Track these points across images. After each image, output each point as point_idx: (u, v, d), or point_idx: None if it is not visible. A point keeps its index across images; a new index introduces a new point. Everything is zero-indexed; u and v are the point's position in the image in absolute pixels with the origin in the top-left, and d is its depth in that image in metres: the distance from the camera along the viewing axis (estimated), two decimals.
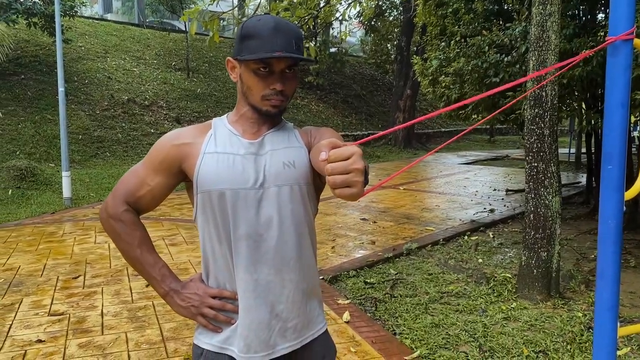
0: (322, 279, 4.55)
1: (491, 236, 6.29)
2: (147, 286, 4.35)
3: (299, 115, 17.99)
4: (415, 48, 17.47)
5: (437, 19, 6.84)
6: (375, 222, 6.89)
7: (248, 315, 1.31)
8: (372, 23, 21.37)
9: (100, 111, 13.34)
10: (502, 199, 8.64)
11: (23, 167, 8.84)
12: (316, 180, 1.39)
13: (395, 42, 20.91)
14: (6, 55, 12.15)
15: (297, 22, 5.73)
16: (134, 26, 20.24)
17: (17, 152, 10.57)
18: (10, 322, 3.61)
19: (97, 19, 19.86)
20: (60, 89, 7.75)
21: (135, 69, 15.97)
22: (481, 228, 6.63)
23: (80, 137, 12.11)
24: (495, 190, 9.72)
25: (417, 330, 3.59)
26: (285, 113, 1.38)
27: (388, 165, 14.24)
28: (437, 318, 3.79)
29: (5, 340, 3.33)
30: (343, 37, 6.80)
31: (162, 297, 1.39)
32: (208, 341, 1.36)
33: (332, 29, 23.87)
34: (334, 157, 0.86)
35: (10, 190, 8.31)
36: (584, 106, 5.99)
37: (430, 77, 7.01)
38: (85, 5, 17.08)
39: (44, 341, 3.32)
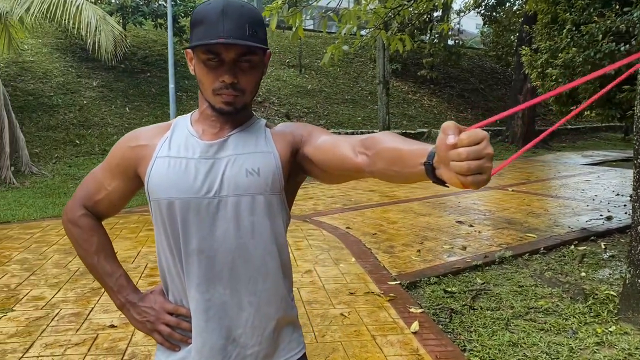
0: (399, 284, 4.34)
1: (603, 247, 5.62)
2: None
3: (409, 111, 17.59)
4: (523, 37, 16.27)
5: (548, 6, 6.23)
6: (471, 225, 6.48)
7: (200, 338, 1.20)
8: (492, 14, 20.29)
9: None
10: (625, 205, 7.71)
11: None
12: (290, 183, 1.25)
13: (516, 33, 19.64)
14: (134, 55, 13.22)
15: (389, 14, 5.51)
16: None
17: None
18: (93, 306, 3.87)
19: None
20: (171, 86, 8.23)
21: None
22: (592, 237, 5.95)
23: None
24: (618, 195, 8.72)
25: (490, 348, 3.27)
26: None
27: (500, 164, 13.40)
28: (516, 336, 3.43)
29: (84, 322, 3.56)
30: (445, 28, 6.41)
31: (118, 308, 1.32)
32: (164, 359, 1.27)
33: (449, 20, 23.01)
34: (467, 141, 0.75)
35: None
36: None
37: (539, 69, 6.43)
38: None
39: (116, 326, 3.50)
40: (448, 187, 0.85)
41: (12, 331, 3.41)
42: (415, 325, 3.55)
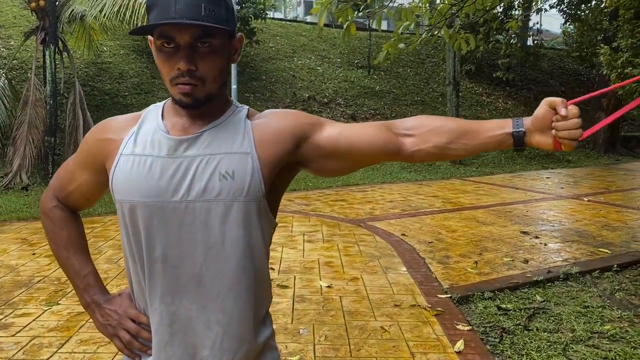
0: (450, 297, 4.07)
1: None
2: None
3: (482, 113, 16.92)
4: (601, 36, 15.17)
5: (631, 0, 5.69)
6: (537, 237, 6.03)
7: (164, 353, 1.09)
8: (576, 12, 19.12)
9: (282, 108, 14.13)
10: None
11: None
12: (275, 185, 1.12)
13: (602, 33, 18.39)
14: None
15: (451, 11, 5.22)
16: (325, 26, 21.04)
17: None
18: None
19: (289, 20, 21.10)
20: (233, 87, 8.32)
21: (318, 68, 16.59)
22: None
23: None
24: None
25: None
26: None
27: (579, 172, 12.59)
28: None
29: None
30: (512, 25, 6.02)
31: (84, 308, 1.23)
32: None
33: (529, 19, 21.93)
34: (573, 112, 1.02)
35: None
36: None
37: (619, 70, 5.89)
38: (275, 8, 18.25)
39: None
40: (524, 149, 1.08)
41: (52, 325, 3.48)
42: (460, 344, 3.29)
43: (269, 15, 15.66)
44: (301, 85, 15.29)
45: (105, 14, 8.62)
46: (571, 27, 21.59)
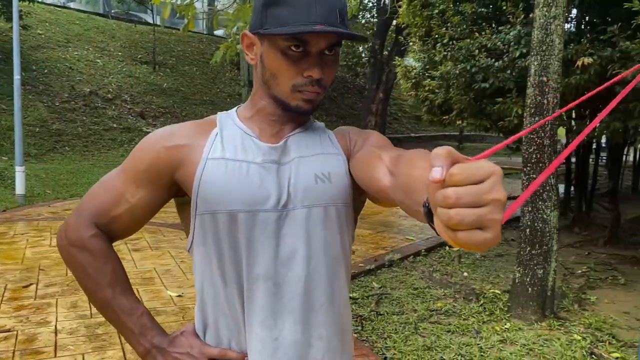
0: None
1: None
2: None
3: None
4: (387, 50, 17.34)
5: (423, 20, 6.57)
6: None
7: None
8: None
9: (59, 103, 12.64)
10: None
11: None
12: (355, 200, 1.04)
13: (367, 45, 20.73)
14: None
15: None
16: (99, 16, 19.43)
17: None
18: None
19: (58, 6, 18.96)
20: (16, 77, 7.17)
21: (98, 61, 15.27)
22: None
23: (37, 129, 11.42)
24: None
25: (408, 355, 3.28)
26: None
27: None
28: (429, 340, 3.49)
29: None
30: None
31: (141, 357, 1.01)
32: None
33: None
34: (460, 177, 0.47)
35: None
36: (573, 115, 5.83)
37: (413, 80, 6.75)
38: None
39: None
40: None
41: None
42: None
43: None
44: (80, 78, 13.88)
45: None
46: None
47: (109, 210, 0.99)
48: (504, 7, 5.08)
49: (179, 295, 4.06)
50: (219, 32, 19.54)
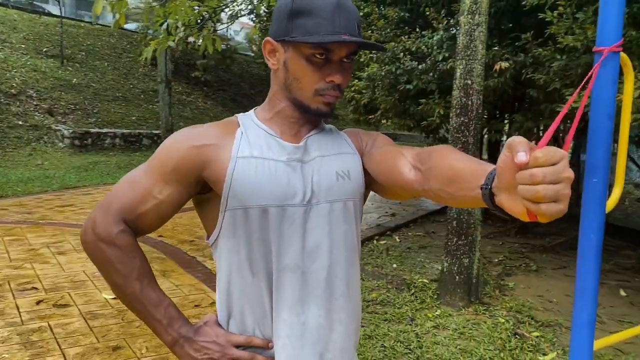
0: None
1: (398, 240, 6.36)
2: (37, 303, 3.74)
3: (185, 112, 17.21)
4: None
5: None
6: None
7: None
8: (265, 25, 21.11)
9: None
10: (400, 203, 8.86)
11: None
12: (364, 195, 1.17)
13: None
14: None
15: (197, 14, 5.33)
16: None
17: None
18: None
19: None
20: None
21: None
22: (388, 232, 6.68)
23: None
24: None
25: None
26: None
27: None
28: (368, 329, 3.66)
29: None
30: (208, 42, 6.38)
31: (169, 347, 1.07)
32: None
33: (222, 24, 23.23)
34: (543, 159, 0.59)
35: None
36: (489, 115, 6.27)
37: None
38: None
39: None
40: (508, 219, 0.76)
41: None
42: None
43: None
44: None
45: None
46: (257, 35, 23.76)
47: (136, 207, 1.03)
48: (427, 13, 5.37)
49: (115, 298, 3.96)
50: (129, 26, 18.79)
